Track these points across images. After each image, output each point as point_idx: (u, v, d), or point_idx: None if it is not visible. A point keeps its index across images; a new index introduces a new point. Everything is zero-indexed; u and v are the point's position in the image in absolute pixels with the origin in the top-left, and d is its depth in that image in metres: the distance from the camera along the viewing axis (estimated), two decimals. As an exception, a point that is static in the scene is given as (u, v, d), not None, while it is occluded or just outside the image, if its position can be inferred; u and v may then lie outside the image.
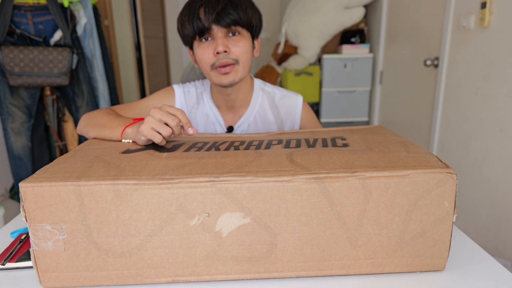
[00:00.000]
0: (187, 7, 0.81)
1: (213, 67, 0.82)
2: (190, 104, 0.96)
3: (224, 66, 0.81)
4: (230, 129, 0.95)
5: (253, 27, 0.84)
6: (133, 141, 0.70)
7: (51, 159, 2.02)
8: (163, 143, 0.65)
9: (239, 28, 0.81)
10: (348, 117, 2.78)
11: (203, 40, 0.82)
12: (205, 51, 0.81)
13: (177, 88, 0.96)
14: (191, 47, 0.87)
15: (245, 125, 0.96)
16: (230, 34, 0.81)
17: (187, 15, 0.80)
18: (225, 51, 0.80)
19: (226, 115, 0.96)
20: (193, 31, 0.80)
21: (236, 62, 0.82)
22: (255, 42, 0.89)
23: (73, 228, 0.50)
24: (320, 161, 0.54)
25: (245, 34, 0.83)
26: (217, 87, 0.90)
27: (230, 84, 0.84)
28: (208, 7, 0.78)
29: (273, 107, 0.97)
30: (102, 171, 0.52)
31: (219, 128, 0.96)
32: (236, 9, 0.79)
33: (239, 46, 0.81)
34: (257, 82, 0.97)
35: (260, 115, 0.96)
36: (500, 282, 0.52)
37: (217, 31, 0.79)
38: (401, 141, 0.63)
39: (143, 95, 3.36)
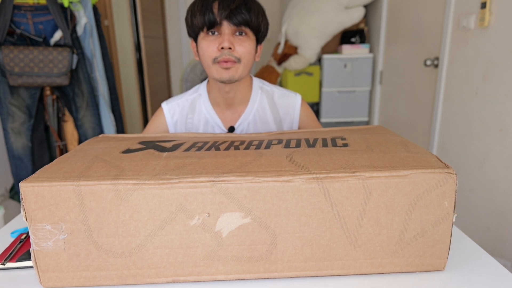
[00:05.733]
0: None
1: (215, 61, 0.83)
2: (183, 114, 0.98)
3: (226, 61, 0.83)
4: (231, 129, 0.95)
5: (260, 32, 0.87)
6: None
7: (51, 159, 2.02)
8: None
9: (247, 29, 0.84)
10: (348, 117, 2.78)
11: (210, 33, 0.83)
12: (210, 44, 0.83)
13: (165, 106, 0.99)
14: (195, 39, 0.88)
15: (245, 124, 0.96)
16: (237, 33, 0.83)
17: (200, 6, 0.82)
18: (230, 48, 0.82)
19: (225, 115, 0.96)
20: (203, 23, 0.82)
21: (238, 60, 0.84)
22: (258, 47, 0.91)
23: (73, 228, 0.50)
24: (320, 161, 0.54)
25: (251, 36, 0.85)
26: (216, 84, 0.90)
27: (229, 80, 0.85)
28: (223, 2, 0.80)
29: (272, 106, 0.98)
30: (102, 171, 0.52)
31: (219, 131, 0.96)
32: (249, 10, 0.82)
33: (243, 46, 0.83)
34: (256, 81, 0.98)
35: (259, 114, 0.97)
36: (500, 282, 0.52)
37: (226, 27, 0.82)
38: (401, 141, 0.63)
39: (143, 95, 3.36)
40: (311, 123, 1.01)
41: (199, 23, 0.82)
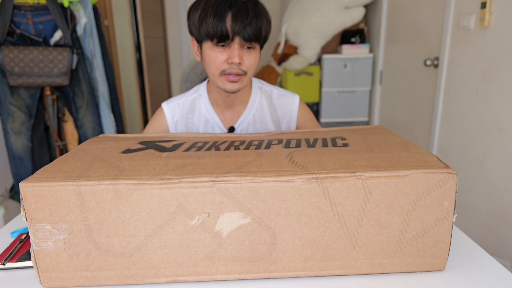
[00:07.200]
0: (212, 3, 0.78)
1: (223, 73, 0.83)
2: (184, 115, 0.98)
3: (234, 75, 0.82)
4: (231, 129, 0.96)
5: (265, 41, 0.87)
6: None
7: (51, 159, 2.02)
8: None
9: (255, 44, 0.83)
10: (348, 117, 2.78)
11: (219, 45, 0.81)
12: (218, 56, 0.81)
13: (165, 106, 0.98)
14: (198, 40, 0.85)
15: (244, 124, 0.96)
16: (245, 46, 0.82)
17: (212, 15, 0.77)
18: (239, 63, 0.81)
19: (225, 115, 0.96)
20: (213, 34, 0.78)
21: (244, 73, 0.84)
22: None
23: (73, 228, 0.50)
24: (320, 161, 0.54)
25: (257, 47, 0.85)
26: (217, 87, 0.90)
27: (233, 92, 0.86)
28: (237, 16, 0.77)
29: (271, 106, 0.98)
30: (102, 171, 0.52)
31: (220, 131, 0.96)
32: (260, 23, 0.80)
33: (251, 59, 0.83)
34: (255, 81, 0.99)
35: (258, 114, 0.97)
36: (500, 282, 0.52)
37: (237, 42, 0.80)
38: (401, 141, 0.63)
39: (143, 95, 3.36)
40: (310, 124, 1.02)
41: (209, 33, 0.78)
